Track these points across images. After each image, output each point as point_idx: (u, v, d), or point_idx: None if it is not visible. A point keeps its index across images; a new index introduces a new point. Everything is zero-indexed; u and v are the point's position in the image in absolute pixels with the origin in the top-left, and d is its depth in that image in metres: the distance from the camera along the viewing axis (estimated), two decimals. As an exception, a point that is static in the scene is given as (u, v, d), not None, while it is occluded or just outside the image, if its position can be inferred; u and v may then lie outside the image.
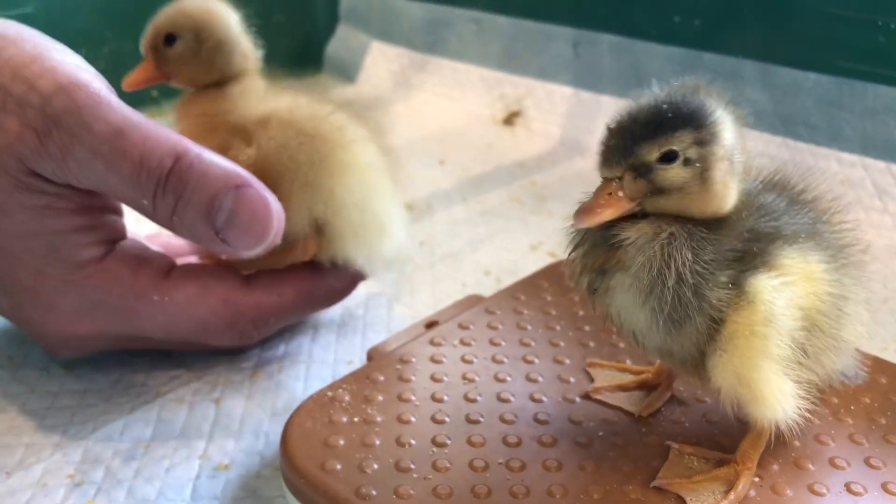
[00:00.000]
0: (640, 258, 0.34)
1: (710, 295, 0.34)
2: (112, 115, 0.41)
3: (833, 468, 0.39)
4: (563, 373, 0.46)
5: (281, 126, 0.47)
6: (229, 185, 0.41)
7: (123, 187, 0.41)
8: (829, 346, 0.36)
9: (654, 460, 0.40)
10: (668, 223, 0.35)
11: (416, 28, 1.00)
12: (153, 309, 0.44)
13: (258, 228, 0.42)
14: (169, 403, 0.47)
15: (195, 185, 0.41)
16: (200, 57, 0.48)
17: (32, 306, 0.44)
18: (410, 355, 0.46)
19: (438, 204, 0.73)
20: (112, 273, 0.43)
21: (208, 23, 0.48)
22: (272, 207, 0.42)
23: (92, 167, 0.40)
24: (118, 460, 0.43)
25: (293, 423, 0.41)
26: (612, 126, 0.35)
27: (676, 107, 0.34)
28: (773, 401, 0.34)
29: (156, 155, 0.40)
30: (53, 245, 0.42)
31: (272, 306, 0.47)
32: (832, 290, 0.36)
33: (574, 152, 0.84)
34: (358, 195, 0.48)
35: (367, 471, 0.38)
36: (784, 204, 0.37)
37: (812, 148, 0.73)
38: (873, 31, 0.69)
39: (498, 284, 0.61)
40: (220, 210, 0.41)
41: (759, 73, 0.76)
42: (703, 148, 0.34)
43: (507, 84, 0.93)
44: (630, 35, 0.83)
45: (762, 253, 0.35)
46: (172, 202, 0.41)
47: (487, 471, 0.38)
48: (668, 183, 0.34)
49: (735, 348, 0.34)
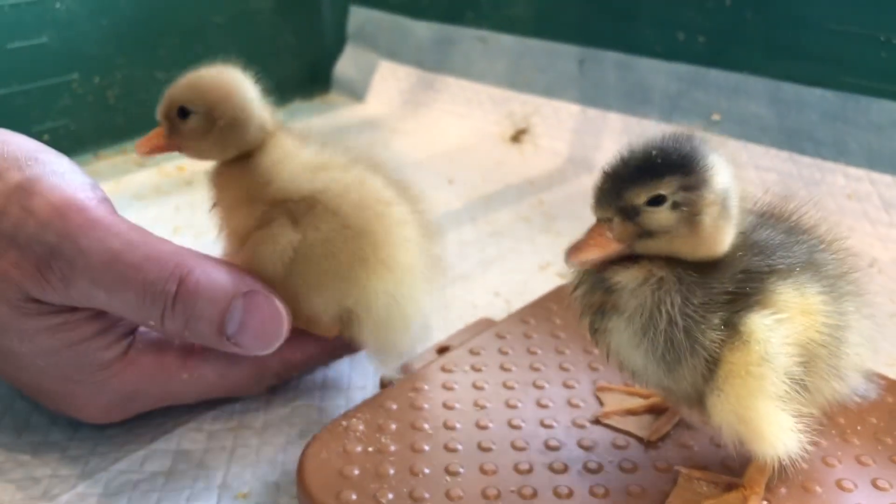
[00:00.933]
0: (633, 302, 0.36)
1: (702, 337, 0.35)
2: (109, 237, 0.40)
3: (840, 490, 0.40)
4: (574, 397, 0.46)
5: (327, 215, 0.45)
6: (237, 294, 0.41)
7: (128, 311, 0.41)
8: (830, 376, 0.37)
9: (663, 485, 0.40)
10: (659, 267, 0.36)
11: (423, 47, 1.02)
12: (184, 386, 0.45)
13: (270, 332, 0.43)
14: (188, 433, 0.48)
15: (203, 304, 0.41)
16: (213, 135, 0.46)
17: (66, 407, 0.45)
18: (423, 382, 0.47)
19: (448, 225, 0.74)
20: (138, 366, 0.44)
21: (222, 101, 0.45)
22: (280, 310, 0.43)
23: (93, 296, 0.40)
24: (139, 491, 0.44)
25: (308, 454, 0.42)
26: (606, 169, 0.36)
27: (666, 152, 0.35)
28: (773, 437, 0.35)
29: (159, 280, 0.40)
30: (77, 354, 0.42)
31: (297, 362, 0.49)
32: (830, 320, 0.37)
33: (581, 169, 0.85)
34: (392, 294, 0.45)
35: (381, 500, 0.39)
36: (780, 237, 0.38)
37: (818, 162, 0.74)
38: (876, 46, 0.69)
39: (508, 306, 0.62)
40: (231, 320, 0.41)
41: (765, 88, 0.76)
42: (693, 192, 0.34)
43: (514, 102, 0.94)
44: (634, 52, 0.84)
45: (756, 292, 0.36)
46: (182, 322, 0.41)
47: (500, 499, 0.39)
48: (656, 226, 0.35)
49: (732, 388, 0.35)
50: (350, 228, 0.45)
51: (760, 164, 0.76)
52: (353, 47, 1.09)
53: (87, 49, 0.84)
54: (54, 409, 0.47)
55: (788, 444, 0.36)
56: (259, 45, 1.02)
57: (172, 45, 0.92)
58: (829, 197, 0.73)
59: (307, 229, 0.45)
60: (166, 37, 0.92)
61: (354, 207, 0.45)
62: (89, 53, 0.85)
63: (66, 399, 0.45)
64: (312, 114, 1.02)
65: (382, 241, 0.45)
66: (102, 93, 0.87)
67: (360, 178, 0.46)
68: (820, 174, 0.73)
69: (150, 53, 0.91)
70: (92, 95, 0.86)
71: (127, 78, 0.88)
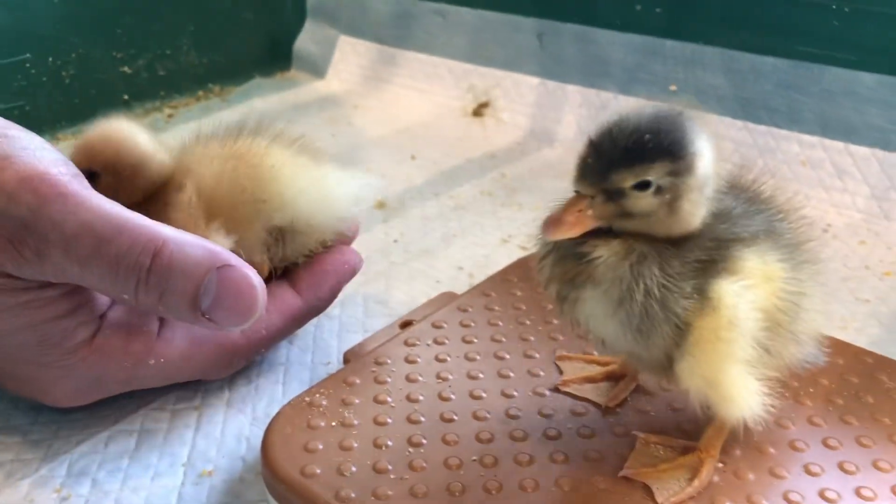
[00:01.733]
0: (611, 275, 0.36)
1: (675, 306, 0.35)
2: (82, 210, 0.40)
3: (793, 451, 0.41)
4: (534, 367, 0.47)
5: (204, 162, 0.49)
6: (211, 267, 0.41)
7: (102, 285, 0.40)
8: (789, 341, 0.38)
9: (621, 450, 0.41)
10: (637, 242, 0.36)
11: (383, 22, 1.01)
12: (152, 371, 0.45)
13: (244, 306, 0.42)
14: (152, 413, 0.48)
15: (177, 276, 0.40)
16: (123, 186, 0.48)
17: (33, 391, 0.45)
18: (385, 357, 0.48)
19: (411, 200, 0.75)
20: (105, 351, 0.43)
21: (117, 154, 0.48)
22: (255, 283, 0.42)
23: (67, 269, 0.40)
24: (104, 472, 0.44)
25: (273, 430, 0.42)
26: (594, 142, 0.35)
27: (657, 136, 0.34)
28: (741, 400, 0.36)
29: (132, 253, 0.40)
30: (44, 335, 0.42)
31: (264, 339, 0.49)
32: (790, 287, 0.37)
33: (542, 142, 0.86)
34: (299, 184, 0.50)
35: (346, 474, 0.39)
36: (742, 205, 0.39)
37: (773, 130, 0.75)
38: (828, 14, 0.71)
39: (471, 280, 0.62)
40: (206, 293, 0.41)
41: (720, 58, 0.77)
42: (677, 178, 0.34)
43: (475, 75, 0.94)
44: (593, 24, 0.85)
45: (723, 259, 0.36)
46: (156, 296, 0.40)
47: (462, 468, 0.40)
48: (638, 209, 0.35)
49: (702, 353, 0.35)
50: (230, 159, 0.49)
51: (716, 133, 0.77)
52: (312, 23, 1.08)
53: (40, 29, 0.83)
54: (20, 393, 0.47)
55: (754, 406, 0.37)
56: (217, 23, 1.01)
57: (129, 23, 0.91)
58: (783, 164, 0.74)
59: (194, 181, 0.49)
60: (122, 15, 0.90)
61: (222, 149, 0.50)
62: (42, 33, 0.83)
63: (32, 383, 0.45)
64: (273, 91, 1.01)
65: (258, 153, 0.50)
66: (57, 73, 0.86)
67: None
68: (775, 142, 0.75)
69: (106, 33, 0.89)
70: (46, 76, 0.85)
71: (82, 58, 0.87)
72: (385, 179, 0.78)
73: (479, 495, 0.38)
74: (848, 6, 0.69)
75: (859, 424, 0.43)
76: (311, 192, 0.51)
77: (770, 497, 0.38)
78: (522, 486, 0.39)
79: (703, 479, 0.39)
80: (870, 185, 0.70)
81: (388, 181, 0.78)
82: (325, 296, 0.52)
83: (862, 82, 0.70)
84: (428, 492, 0.38)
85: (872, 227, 0.69)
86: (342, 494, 0.38)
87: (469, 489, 0.39)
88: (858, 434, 0.42)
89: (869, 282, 0.62)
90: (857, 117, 0.71)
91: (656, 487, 0.39)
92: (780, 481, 0.39)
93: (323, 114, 0.94)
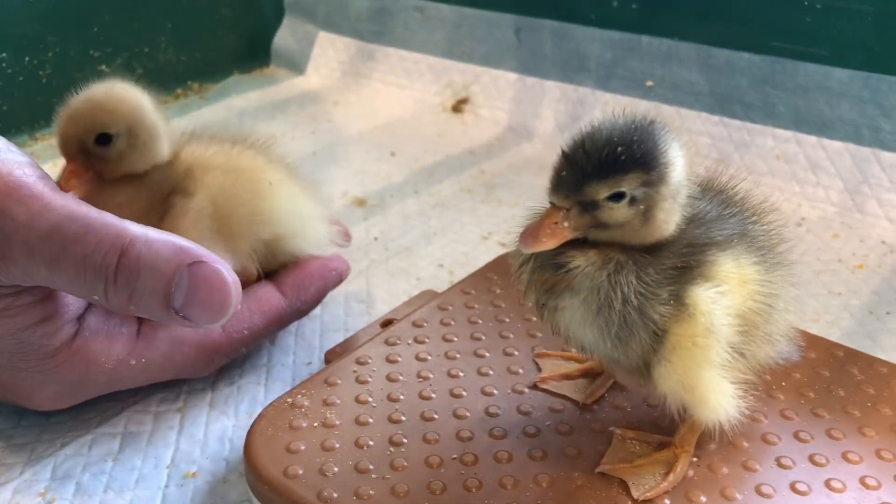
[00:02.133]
0: (588, 284, 0.36)
1: (652, 312, 0.36)
2: (46, 211, 0.39)
3: (765, 444, 0.42)
4: (513, 365, 0.48)
5: (206, 171, 0.49)
6: (181, 264, 0.40)
7: (71, 287, 0.40)
8: (763, 342, 0.39)
9: (599, 446, 0.42)
10: (613, 251, 0.36)
11: (361, 18, 1.01)
12: (132, 371, 0.45)
13: (218, 302, 0.40)
14: (135, 415, 0.49)
15: (147, 274, 0.39)
16: (135, 152, 0.47)
17: (13, 396, 0.45)
18: (367, 356, 0.48)
19: (391, 198, 0.75)
20: (85, 354, 0.43)
21: (139, 115, 0.47)
22: (228, 278, 0.41)
23: (34, 272, 0.39)
24: (88, 475, 0.45)
25: (255, 432, 0.42)
26: (567, 154, 0.36)
27: (629, 147, 0.35)
28: (716, 404, 0.37)
29: (99, 252, 0.39)
30: (22, 342, 0.42)
31: (245, 338, 0.49)
32: (764, 289, 0.38)
33: (521, 138, 0.86)
34: (290, 205, 0.51)
35: (328, 474, 0.40)
36: (717, 208, 0.39)
37: (748, 125, 0.76)
38: (801, 10, 0.71)
39: (451, 277, 0.63)
40: (177, 291, 0.40)
41: (696, 54, 0.78)
42: (651, 188, 0.35)
43: (454, 71, 0.94)
44: (570, 20, 0.85)
45: (698, 264, 0.37)
46: (126, 295, 0.40)
47: (442, 467, 0.41)
48: (613, 220, 0.36)
49: (678, 359, 0.36)
50: (231, 170, 0.50)
51: (693, 128, 0.78)
52: (291, 19, 1.08)
53: (14, 28, 0.82)
54: (2, 398, 0.47)
55: (729, 409, 0.38)
56: (195, 19, 1.00)
57: (105, 21, 0.90)
58: (758, 158, 0.75)
59: (201, 190, 0.48)
60: (99, 13, 0.90)
61: (227, 159, 0.50)
62: (18, 32, 0.83)
63: (13, 388, 0.45)
64: (252, 88, 1.01)
65: (260, 168, 0.51)
66: (34, 73, 0.85)
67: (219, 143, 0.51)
68: (749, 137, 0.76)
69: (83, 31, 0.89)
70: (23, 76, 0.84)
71: (59, 57, 0.87)
72: (365, 177, 0.79)
73: (459, 493, 0.39)
74: (820, 3, 0.70)
75: (830, 417, 0.44)
76: (301, 212, 0.52)
77: (743, 490, 0.39)
78: (502, 483, 0.40)
79: (677, 473, 0.40)
80: (843, 178, 0.71)
81: (367, 178, 0.78)
82: (308, 299, 0.53)
83: (835, 78, 0.71)
84: (409, 490, 0.39)
85: (846, 221, 0.70)
86: (324, 495, 0.39)
87: (449, 487, 0.39)
88: (829, 427, 0.43)
89: (842, 275, 0.63)
90: (830, 112, 0.72)
91: (632, 482, 0.40)
92: (753, 474, 0.40)
93: (303, 111, 0.95)
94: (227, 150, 0.51)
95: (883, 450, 0.42)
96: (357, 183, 0.77)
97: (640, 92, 0.82)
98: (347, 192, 0.75)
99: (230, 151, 0.51)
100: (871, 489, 0.39)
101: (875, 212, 0.69)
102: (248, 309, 0.49)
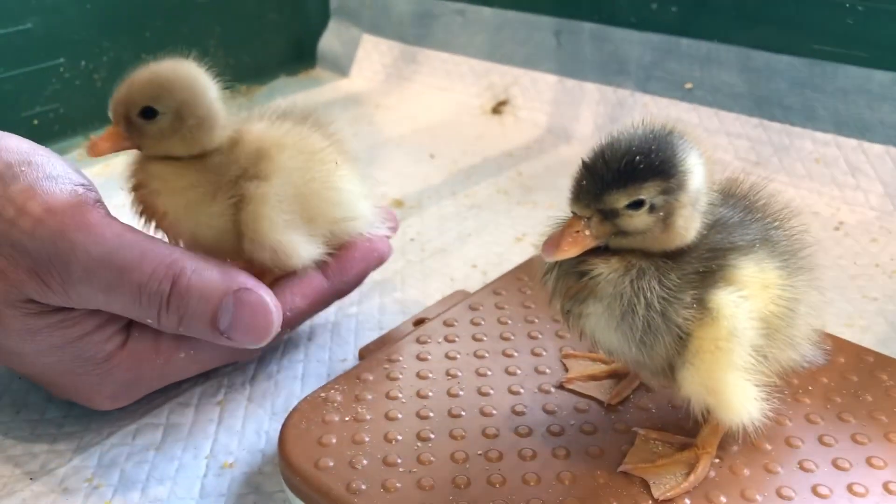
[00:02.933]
0: (612, 290, 0.37)
1: (676, 316, 0.37)
2: (103, 238, 0.41)
3: (788, 447, 0.43)
4: (541, 365, 0.49)
5: (280, 150, 0.48)
6: (228, 291, 0.44)
7: (125, 310, 0.43)
8: (786, 345, 0.39)
9: (622, 446, 0.43)
10: (635, 258, 0.37)
11: (404, 21, 1.03)
12: (184, 363, 0.47)
13: (260, 327, 0.44)
14: (177, 408, 0.51)
15: (196, 301, 0.43)
16: (180, 133, 0.46)
17: (77, 398, 0.47)
18: (398, 354, 0.50)
19: (428, 200, 0.76)
20: (137, 354, 0.45)
21: (192, 97, 0.45)
22: (270, 305, 0.45)
23: (91, 297, 0.42)
24: (132, 463, 0.47)
25: (289, 425, 0.44)
26: (588, 164, 0.37)
27: (648, 156, 0.35)
28: (740, 407, 0.38)
29: (154, 280, 0.42)
30: (78, 350, 0.44)
31: (288, 320, 0.49)
32: (786, 294, 0.39)
33: (560, 140, 0.87)
34: (352, 186, 0.51)
35: (357, 467, 0.41)
36: (739, 214, 0.40)
37: (787, 128, 0.75)
38: (842, 13, 0.71)
39: (484, 277, 0.64)
40: (224, 315, 0.43)
41: (735, 56, 0.78)
42: (670, 196, 0.36)
43: (494, 73, 0.95)
44: (609, 23, 0.86)
45: (720, 268, 0.37)
46: (177, 319, 0.43)
47: (467, 462, 0.42)
48: (633, 228, 0.36)
49: (702, 362, 0.37)
50: (304, 152, 0.48)
51: (731, 130, 0.78)
52: (336, 22, 1.10)
53: (72, 34, 0.86)
54: (62, 397, 0.49)
55: (753, 411, 0.38)
56: (243, 23, 1.03)
57: (157, 26, 0.93)
58: (797, 162, 0.74)
59: (277, 169, 0.47)
60: (151, 18, 0.93)
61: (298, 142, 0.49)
62: (75, 38, 0.86)
63: (73, 391, 0.47)
64: (297, 90, 1.04)
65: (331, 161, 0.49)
66: (90, 76, 0.89)
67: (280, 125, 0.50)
68: (789, 139, 0.75)
69: (136, 36, 0.92)
70: (79, 80, 0.88)
71: (113, 61, 0.90)
72: (404, 179, 0.80)
73: (484, 488, 0.40)
74: (861, 5, 0.70)
75: (856, 422, 0.44)
76: (359, 193, 0.51)
77: (763, 492, 0.40)
78: (525, 480, 0.41)
79: (698, 474, 0.40)
80: (883, 182, 0.70)
81: (406, 180, 0.80)
82: (350, 279, 0.53)
83: (875, 80, 0.71)
84: (434, 484, 0.40)
85: (885, 225, 0.69)
86: (353, 486, 0.40)
87: (474, 482, 0.41)
88: (854, 432, 0.43)
89: (878, 280, 0.62)
90: (871, 115, 0.71)
91: (653, 482, 0.40)
92: (774, 477, 0.41)
93: (345, 113, 0.97)
94: (298, 130, 0.49)
95: (908, 455, 0.42)
96: (396, 185, 0.79)
97: (680, 94, 0.82)
98: (386, 195, 0.77)
99: (301, 131, 0.50)
100: (894, 494, 0.40)
101: (915, 216, 0.68)
102: (290, 291, 0.50)
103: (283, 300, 0.49)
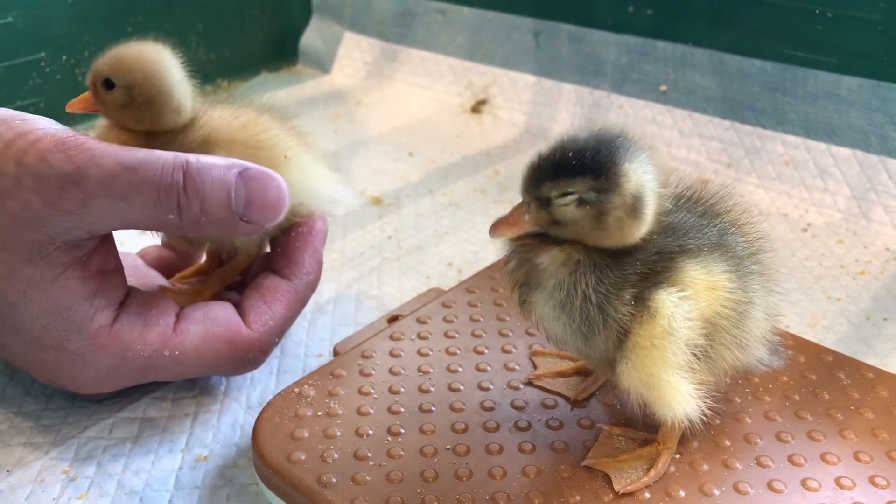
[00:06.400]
0: (553, 280, 0.40)
1: (614, 311, 0.39)
2: (107, 151, 0.43)
3: (747, 444, 0.44)
4: (510, 361, 0.50)
5: (227, 145, 0.50)
6: (234, 172, 0.45)
7: (147, 213, 0.44)
8: (731, 345, 0.41)
9: (586, 441, 0.44)
10: (578, 251, 0.39)
11: (386, 19, 1.04)
12: (167, 362, 0.47)
13: (273, 200, 0.46)
14: (154, 402, 0.52)
15: (210, 185, 0.45)
16: (131, 108, 0.49)
17: (58, 378, 0.48)
18: (372, 350, 0.51)
19: (406, 198, 0.78)
20: (123, 339, 0.46)
21: (143, 78, 0.48)
22: (276, 177, 0.47)
23: (112, 209, 0.43)
24: (108, 456, 0.48)
25: (262, 419, 0.45)
26: (535, 158, 0.40)
27: (583, 155, 0.38)
28: (674, 402, 0.39)
29: (166, 173, 0.44)
30: (68, 317, 0.45)
31: (273, 330, 0.50)
32: (734, 296, 0.40)
33: (537, 139, 0.88)
34: (306, 181, 0.53)
35: (328, 460, 0.43)
36: (694, 219, 0.41)
37: (758, 131, 0.77)
38: (812, 19, 0.73)
39: (459, 275, 0.65)
40: (237, 197, 0.45)
41: (709, 60, 0.79)
42: (601, 195, 0.38)
43: (473, 73, 0.96)
44: (587, 25, 0.87)
45: (666, 270, 0.39)
46: (198, 207, 0.45)
47: (436, 456, 0.43)
48: (562, 217, 0.38)
49: (637, 357, 0.39)
50: (250, 147, 0.50)
51: (704, 132, 0.79)
52: (318, 19, 1.11)
53: (53, 28, 0.86)
54: (41, 379, 0.49)
55: (687, 408, 0.40)
56: (225, 19, 1.04)
57: (139, 21, 0.94)
58: (768, 164, 0.76)
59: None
60: (132, 13, 0.93)
61: (247, 134, 0.51)
62: (56, 32, 0.87)
63: (56, 370, 0.47)
64: (279, 86, 1.04)
65: (278, 146, 0.51)
66: (71, 71, 0.89)
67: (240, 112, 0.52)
68: (760, 142, 0.77)
69: (117, 31, 0.92)
70: (60, 74, 0.88)
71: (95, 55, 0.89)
72: (383, 176, 0.81)
73: (451, 482, 0.41)
74: (831, 11, 0.71)
75: (813, 419, 0.45)
76: (312, 186, 0.53)
77: (721, 487, 0.41)
78: (491, 473, 0.42)
79: (659, 469, 0.42)
80: (850, 185, 0.72)
81: (385, 178, 0.81)
82: (310, 268, 0.53)
83: (844, 85, 0.72)
84: (403, 478, 0.42)
85: (851, 227, 0.71)
86: (324, 479, 0.41)
87: (441, 476, 0.42)
88: (810, 429, 0.45)
89: (842, 280, 0.64)
90: (839, 119, 0.73)
91: (615, 476, 0.42)
92: (732, 472, 0.42)
93: (326, 110, 0.97)
94: (254, 121, 0.52)
95: (861, 452, 0.43)
96: (374, 182, 0.80)
97: (654, 96, 0.83)
98: (365, 192, 0.78)
99: (258, 122, 0.52)
100: (846, 489, 0.41)
101: (881, 219, 0.70)
102: (262, 302, 0.51)
103: (259, 311, 0.50)
